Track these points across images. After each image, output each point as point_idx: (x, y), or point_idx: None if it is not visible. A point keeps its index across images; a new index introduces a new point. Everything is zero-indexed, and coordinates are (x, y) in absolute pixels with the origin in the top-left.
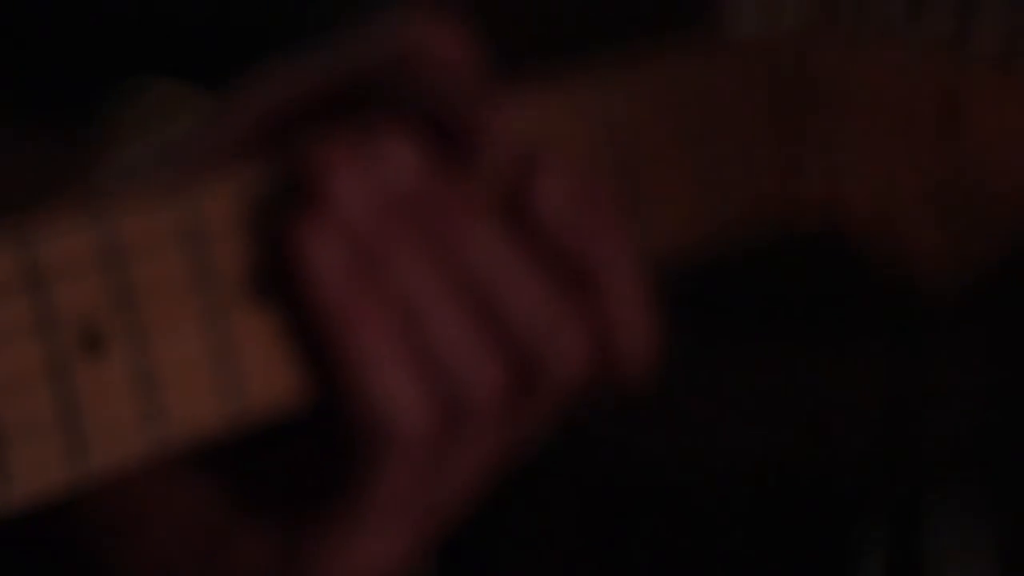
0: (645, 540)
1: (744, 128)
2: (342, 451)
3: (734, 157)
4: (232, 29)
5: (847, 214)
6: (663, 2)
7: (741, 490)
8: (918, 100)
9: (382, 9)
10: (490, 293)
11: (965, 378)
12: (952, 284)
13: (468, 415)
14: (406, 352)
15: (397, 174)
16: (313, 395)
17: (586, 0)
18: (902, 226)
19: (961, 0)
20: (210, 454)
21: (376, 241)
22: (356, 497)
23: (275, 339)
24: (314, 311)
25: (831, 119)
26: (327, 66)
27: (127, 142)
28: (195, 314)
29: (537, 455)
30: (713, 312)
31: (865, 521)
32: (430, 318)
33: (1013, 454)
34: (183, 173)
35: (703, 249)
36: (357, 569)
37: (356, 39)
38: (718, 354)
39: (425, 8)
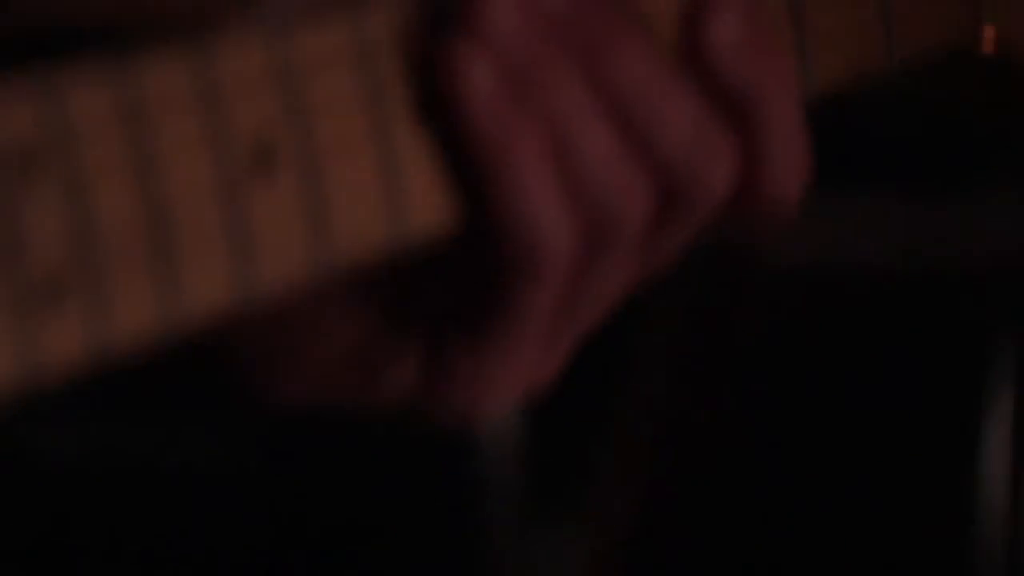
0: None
1: None
2: (491, 274)
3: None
4: None
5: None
6: None
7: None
8: None
9: None
10: (643, 118)
11: None
12: None
13: (614, 239)
14: (555, 175)
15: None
16: (467, 218)
17: None
18: None
19: None
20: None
21: (529, 62)
22: (503, 317)
23: (435, 161)
24: (467, 133)
25: None
26: None
27: None
28: (365, 135)
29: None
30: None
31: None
32: (582, 141)
33: None
34: None
35: (869, 82)
36: (503, 385)
37: None
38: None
39: None
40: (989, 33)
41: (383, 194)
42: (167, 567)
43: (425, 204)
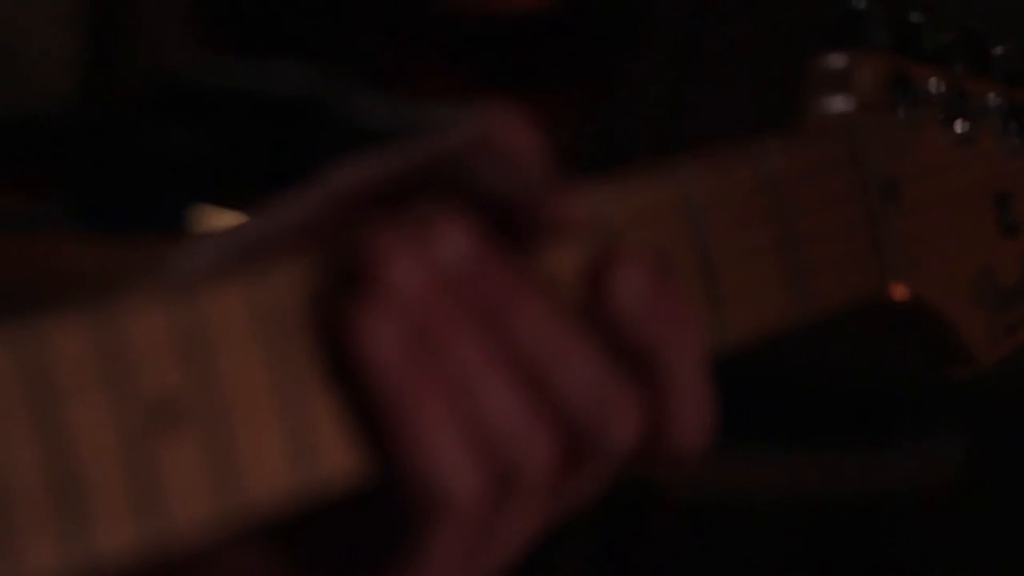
0: None
1: (831, 216)
2: (398, 520)
3: (822, 248)
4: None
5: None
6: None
7: None
8: (975, 189)
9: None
10: (543, 374)
11: None
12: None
13: (519, 488)
14: (460, 429)
15: (453, 256)
16: (375, 469)
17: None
18: (952, 315)
19: None
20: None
21: (430, 322)
22: (410, 561)
23: (342, 417)
24: (370, 392)
25: (909, 206)
26: (400, 154)
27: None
28: (270, 393)
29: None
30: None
31: None
32: (484, 396)
33: None
34: (249, 253)
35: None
36: None
37: (431, 132)
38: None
39: (499, 106)
40: (899, 290)
41: (290, 449)
42: None
43: (332, 458)
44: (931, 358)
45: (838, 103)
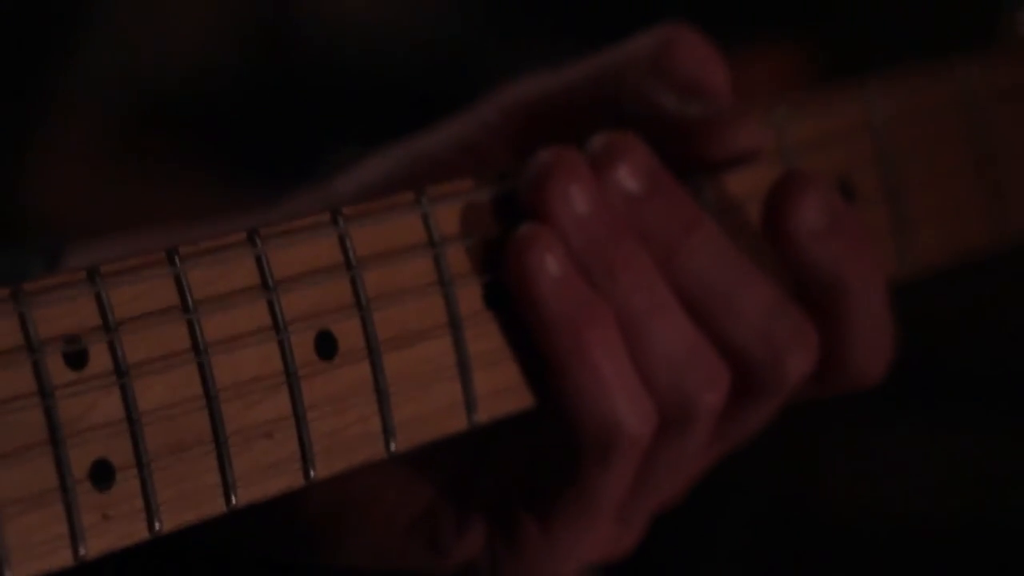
0: None
1: None
2: (564, 455)
3: (1017, 167)
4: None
5: None
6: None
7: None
8: None
9: None
10: (716, 308)
11: None
12: None
13: (688, 424)
14: (630, 364)
15: (626, 184)
16: (541, 402)
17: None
18: None
19: None
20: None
21: (600, 251)
22: (576, 497)
23: (506, 348)
24: (542, 326)
25: None
26: (575, 67)
27: None
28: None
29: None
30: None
31: None
32: (653, 330)
33: None
34: (417, 167)
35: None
36: (575, 561)
37: (607, 48)
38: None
39: (680, 25)
40: None
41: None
42: None
43: (495, 388)
44: None
45: None
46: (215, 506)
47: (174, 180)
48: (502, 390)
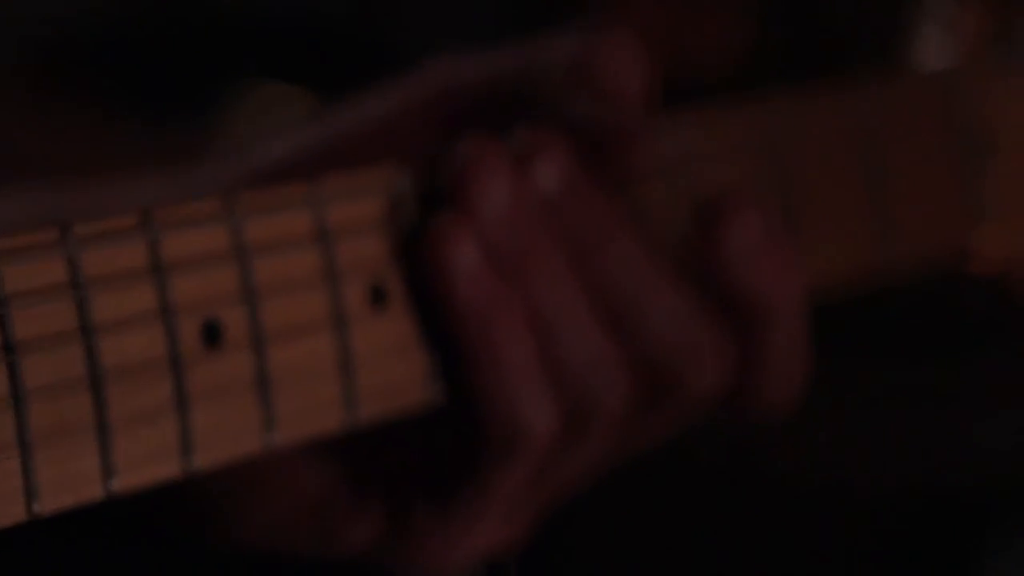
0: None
1: (920, 166)
2: (466, 446)
3: (909, 195)
4: (337, 34)
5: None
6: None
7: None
8: None
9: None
10: (629, 314)
11: None
12: None
13: (593, 424)
14: (539, 359)
15: (546, 182)
16: (441, 395)
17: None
18: None
19: None
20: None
21: (517, 249)
22: (474, 488)
23: (409, 338)
24: (452, 314)
25: (1007, 161)
26: (502, 56)
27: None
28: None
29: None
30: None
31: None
32: (567, 330)
33: None
34: (331, 144)
35: (859, 286)
36: (466, 550)
37: (533, 41)
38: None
39: (609, 24)
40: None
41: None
42: None
43: (388, 380)
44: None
45: (938, 46)
46: (94, 491)
47: (81, 122)
48: (391, 388)
